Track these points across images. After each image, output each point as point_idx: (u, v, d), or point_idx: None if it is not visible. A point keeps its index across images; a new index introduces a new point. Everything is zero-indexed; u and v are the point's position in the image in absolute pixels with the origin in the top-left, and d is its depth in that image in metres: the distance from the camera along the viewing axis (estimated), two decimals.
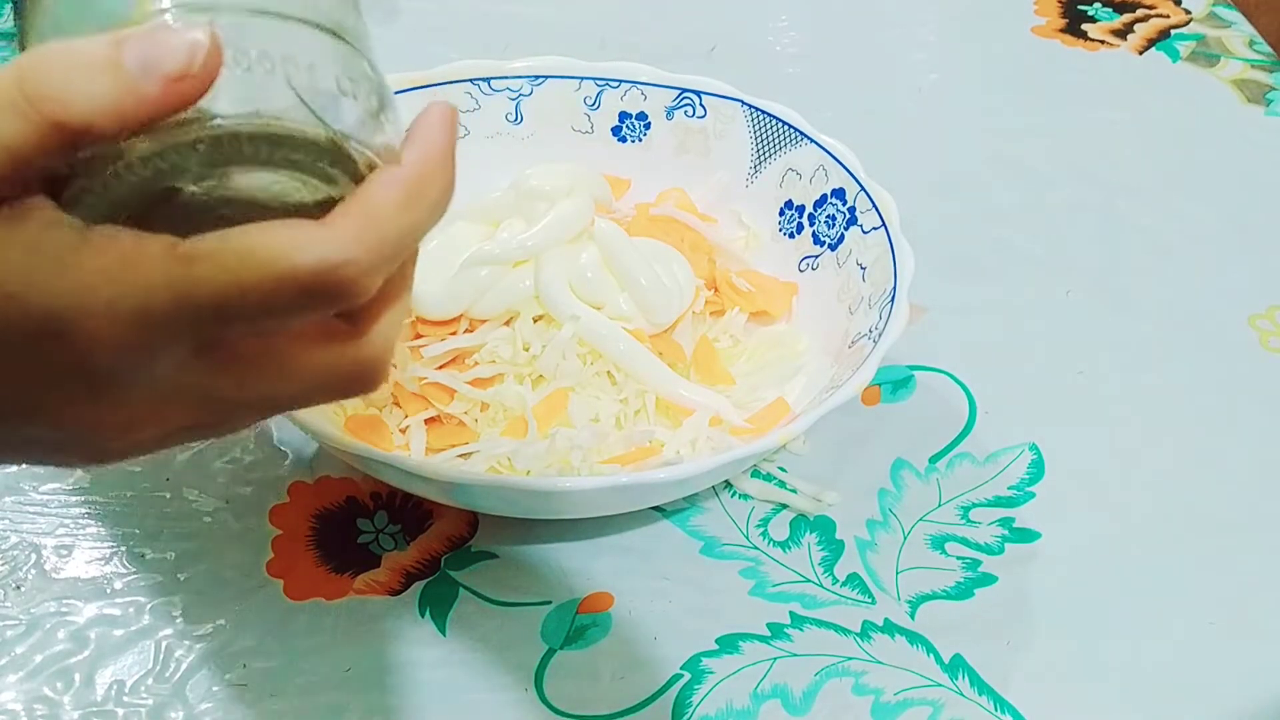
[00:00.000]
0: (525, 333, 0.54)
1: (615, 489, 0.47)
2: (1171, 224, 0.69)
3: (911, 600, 0.51)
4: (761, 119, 0.61)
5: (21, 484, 0.53)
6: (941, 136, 0.75)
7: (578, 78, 0.63)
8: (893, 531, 0.53)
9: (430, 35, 0.81)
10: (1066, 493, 0.55)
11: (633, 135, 0.63)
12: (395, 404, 0.54)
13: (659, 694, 0.47)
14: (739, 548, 0.52)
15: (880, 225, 0.55)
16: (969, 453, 0.56)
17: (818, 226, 0.58)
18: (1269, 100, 0.78)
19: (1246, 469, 0.56)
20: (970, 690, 0.48)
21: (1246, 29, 0.85)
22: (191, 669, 0.47)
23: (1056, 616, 0.50)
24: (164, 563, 0.51)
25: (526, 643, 0.49)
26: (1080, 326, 0.63)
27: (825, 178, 0.58)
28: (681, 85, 0.62)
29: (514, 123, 0.63)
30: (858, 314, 0.54)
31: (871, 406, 0.58)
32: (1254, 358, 0.62)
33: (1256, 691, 0.48)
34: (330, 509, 0.53)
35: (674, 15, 0.84)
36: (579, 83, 0.62)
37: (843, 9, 0.87)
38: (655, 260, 0.55)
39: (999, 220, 0.69)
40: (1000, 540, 0.53)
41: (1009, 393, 0.59)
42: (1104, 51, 0.83)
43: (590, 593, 0.50)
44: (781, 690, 0.47)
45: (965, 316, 0.63)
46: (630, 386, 0.53)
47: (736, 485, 0.54)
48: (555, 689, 0.47)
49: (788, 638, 0.49)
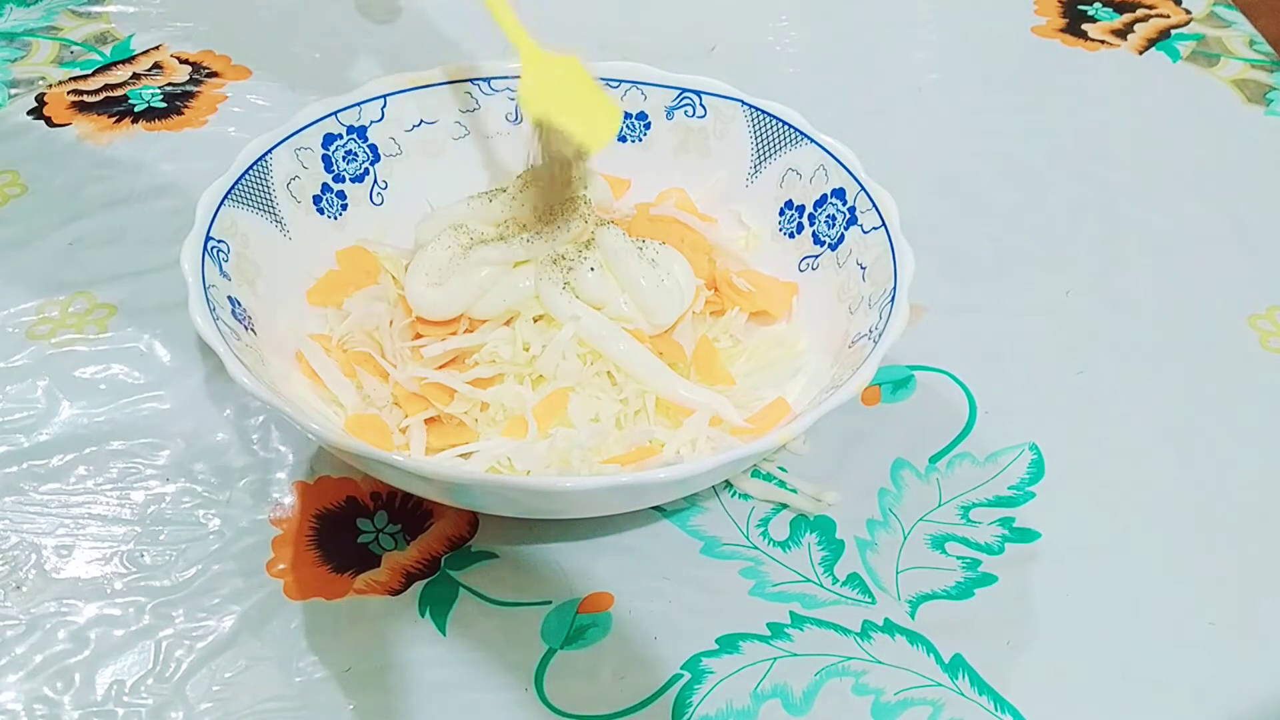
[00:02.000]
0: (525, 333, 0.54)
1: (615, 489, 0.47)
2: (1172, 224, 0.69)
3: (911, 600, 0.51)
4: (761, 119, 0.61)
5: (21, 484, 0.53)
6: (941, 136, 0.75)
7: None
8: (893, 531, 0.53)
9: (430, 35, 0.81)
10: (1066, 492, 0.55)
11: (633, 135, 0.63)
12: (395, 404, 0.54)
13: (659, 694, 0.47)
14: (739, 547, 0.52)
15: (880, 225, 0.55)
16: (969, 452, 0.56)
17: (818, 226, 0.58)
18: (1269, 100, 0.79)
19: (1246, 468, 0.56)
20: (970, 690, 0.48)
21: (1247, 29, 0.85)
22: (191, 669, 0.47)
23: (1056, 616, 0.50)
24: (164, 563, 0.51)
25: (526, 643, 0.49)
26: (1080, 326, 0.63)
27: (825, 177, 0.58)
28: (681, 85, 0.62)
29: (514, 123, 0.63)
30: (858, 314, 0.54)
31: (871, 406, 0.58)
32: (1254, 358, 0.62)
33: (1256, 691, 0.48)
34: (330, 509, 0.53)
35: (674, 15, 0.84)
36: None
37: (843, 9, 0.87)
38: (656, 261, 0.55)
39: (999, 220, 0.69)
40: (1000, 540, 0.53)
41: (1009, 393, 0.59)
42: (1104, 51, 0.83)
43: (590, 593, 0.50)
44: (781, 690, 0.47)
45: (965, 316, 0.63)
46: (630, 387, 0.53)
47: (737, 485, 0.54)
48: (555, 689, 0.47)
49: (788, 637, 0.49)
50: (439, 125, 0.62)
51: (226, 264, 0.53)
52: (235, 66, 0.77)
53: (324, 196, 0.59)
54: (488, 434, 0.53)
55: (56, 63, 0.77)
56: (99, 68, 0.76)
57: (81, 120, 0.72)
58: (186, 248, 0.51)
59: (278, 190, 0.57)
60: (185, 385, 0.58)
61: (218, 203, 0.54)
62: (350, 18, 0.83)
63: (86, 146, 0.71)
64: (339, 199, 0.60)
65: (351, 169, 0.60)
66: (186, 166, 0.69)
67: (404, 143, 0.62)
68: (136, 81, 0.75)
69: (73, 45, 0.78)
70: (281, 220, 0.57)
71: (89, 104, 0.73)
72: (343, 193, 0.60)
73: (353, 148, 0.60)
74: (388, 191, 0.61)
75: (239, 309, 0.52)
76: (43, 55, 0.77)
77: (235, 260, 0.53)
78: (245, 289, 0.53)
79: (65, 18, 0.81)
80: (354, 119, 0.60)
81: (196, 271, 0.51)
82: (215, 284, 0.51)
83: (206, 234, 0.52)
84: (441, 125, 0.62)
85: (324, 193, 0.59)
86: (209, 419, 0.56)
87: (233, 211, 0.54)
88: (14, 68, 0.76)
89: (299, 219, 0.58)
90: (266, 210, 0.56)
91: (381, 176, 0.61)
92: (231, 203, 0.54)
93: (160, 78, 0.76)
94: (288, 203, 0.58)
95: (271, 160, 0.57)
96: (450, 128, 0.63)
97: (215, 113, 0.73)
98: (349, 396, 0.54)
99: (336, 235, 0.59)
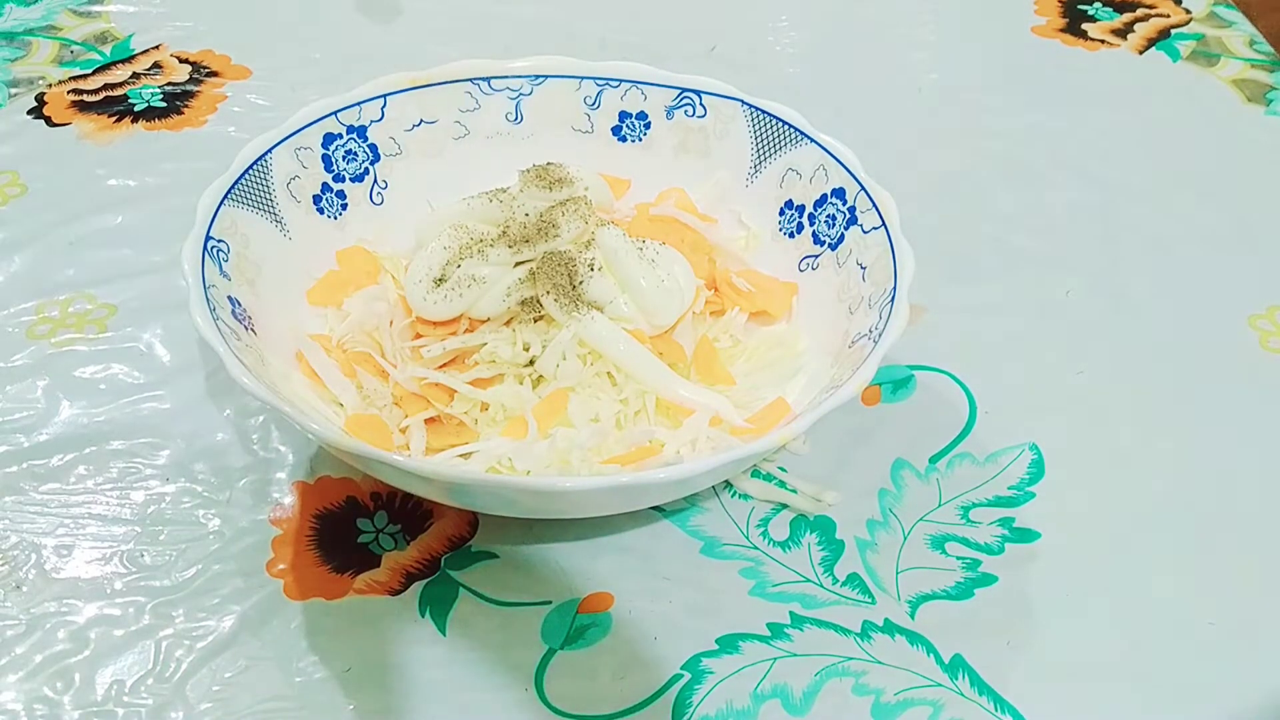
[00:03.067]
0: (525, 333, 0.54)
1: (615, 489, 0.47)
2: (1172, 224, 0.69)
3: (911, 600, 0.51)
4: (761, 119, 0.61)
5: (21, 484, 0.53)
6: (941, 136, 0.75)
7: (578, 77, 0.63)
8: (893, 531, 0.53)
9: (430, 35, 0.81)
10: (1066, 492, 0.55)
11: (633, 135, 0.63)
12: (395, 404, 0.54)
13: (659, 694, 0.47)
14: (739, 548, 0.52)
15: (880, 225, 0.55)
16: (969, 452, 0.56)
17: (818, 226, 0.58)
18: (1269, 100, 0.79)
19: (1247, 469, 0.56)
20: (970, 690, 0.48)
21: (1247, 28, 0.85)
22: (191, 669, 0.47)
23: (1056, 616, 0.50)
24: (164, 563, 0.51)
25: (526, 643, 0.49)
26: (1080, 326, 0.63)
27: (825, 177, 0.58)
28: (681, 85, 0.62)
29: (514, 122, 0.63)
30: (858, 314, 0.54)
31: (872, 406, 0.58)
32: (1254, 358, 0.62)
33: (1257, 692, 0.48)
34: (330, 509, 0.53)
35: (674, 15, 0.84)
36: (579, 82, 0.63)
37: (843, 9, 0.87)
38: (656, 262, 0.55)
39: (999, 220, 0.69)
40: (1000, 540, 0.53)
41: (1009, 392, 0.59)
42: (1104, 51, 0.83)
43: (590, 593, 0.50)
44: (781, 690, 0.47)
45: (965, 316, 0.63)
46: (630, 387, 0.53)
47: (736, 485, 0.54)
48: (555, 689, 0.47)
49: (788, 638, 0.49)
50: (439, 125, 0.62)
51: (226, 264, 0.53)
52: (235, 66, 0.77)
53: (324, 196, 0.59)
54: (488, 434, 0.53)
55: (56, 62, 0.77)
56: (99, 67, 0.76)
57: (81, 120, 0.72)
58: (187, 247, 0.51)
59: (278, 190, 0.57)
60: (185, 385, 0.58)
61: (218, 202, 0.54)
62: (350, 18, 0.83)
63: (86, 146, 0.71)
64: (339, 199, 0.60)
65: (351, 169, 0.60)
66: (186, 166, 0.69)
67: (404, 142, 0.62)
68: (136, 81, 0.75)
69: (73, 45, 0.78)
70: (281, 220, 0.57)
71: (89, 104, 0.73)
72: (343, 192, 0.60)
73: (353, 147, 0.60)
74: (388, 191, 0.61)
75: (239, 309, 0.52)
76: (43, 55, 0.77)
77: (235, 260, 0.53)
78: (245, 289, 0.53)
79: (65, 17, 0.81)
80: (354, 118, 0.60)
81: (196, 271, 0.51)
82: (215, 284, 0.51)
83: (206, 234, 0.52)
84: (442, 125, 0.62)
85: (324, 192, 0.59)
86: (209, 419, 0.56)
87: (233, 211, 0.54)
88: (14, 67, 0.76)
89: (299, 219, 0.58)
90: (266, 210, 0.56)
91: (381, 176, 0.61)
92: (231, 202, 0.54)
93: (160, 77, 0.76)
94: (288, 202, 0.58)
95: (271, 160, 0.57)
96: (450, 127, 0.63)
97: (215, 112, 0.74)
98: (349, 396, 0.54)
99: (336, 235, 0.59)
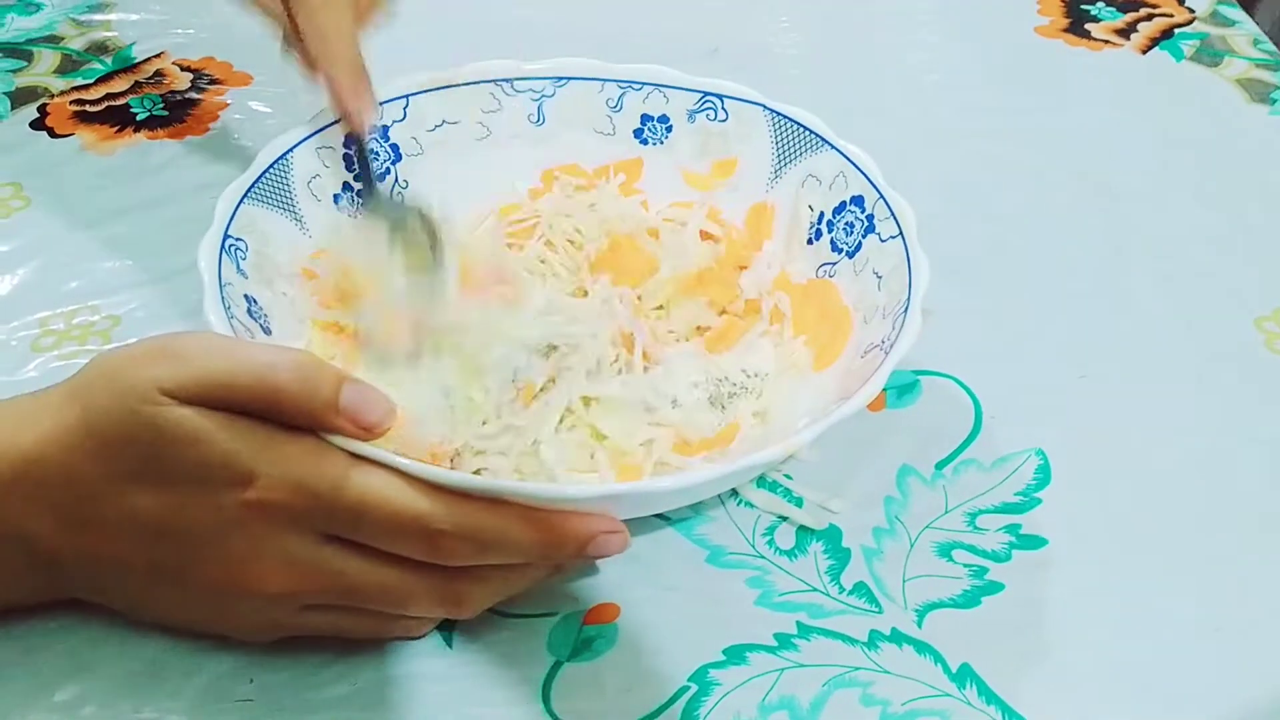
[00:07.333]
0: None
1: (617, 497, 0.46)
2: (1176, 225, 0.69)
3: (919, 609, 0.50)
4: (783, 124, 0.60)
5: None
6: (944, 137, 0.75)
7: (600, 80, 0.63)
8: (899, 539, 0.53)
9: (431, 36, 0.81)
10: (1074, 498, 0.55)
11: (654, 138, 0.63)
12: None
13: (666, 706, 0.47)
14: (745, 556, 0.52)
15: (898, 234, 0.54)
16: (975, 458, 0.56)
17: (836, 233, 0.58)
18: (1273, 99, 0.78)
19: (1254, 471, 0.56)
20: (978, 700, 0.48)
21: (1250, 28, 0.85)
22: (195, 683, 0.47)
23: (1065, 624, 0.50)
24: None
25: (533, 655, 0.48)
26: (1085, 329, 0.63)
27: (845, 184, 0.58)
28: (704, 89, 0.62)
29: (536, 124, 0.63)
30: (871, 323, 0.53)
31: (877, 412, 0.58)
32: (1260, 360, 0.61)
33: (1269, 701, 0.48)
34: None
35: (675, 17, 0.84)
36: (601, 85, 0.62)
37: (844, 10, 0.87)
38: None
39: (1002, 222, 0.69)
40: (1008, 547, 0.53)
41: (1015, 397, 0.59)
42: (1107, 51, 0.83)
43: (596, 603, 0.50)
44: (789, 701, 0.47)
45: (969, 320, 0.62)
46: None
47: (742, 493, 0.54)
48: (563, 702, 0.47)
49: (795, 648, 0.49)
50: (461, 125, 0.62)
51: (244, 262, 0.53)
52: (237, 73, 0.77)
53: (344, 195, 0.59)
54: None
55: (58, 72, 0.77)
56: (101, 77, 0.76)
57: (84, 130, 0.72)
58: (204, 245, 0.51)
59: (298, 188, 0.57)
60: None
61: (237, 200, 0.54)
62: None
63: (89, 156, 0.70)
64: (359, 198, 0.59)
65: (373, 168, 0.60)
66: (190, 174, 0.69)
67: (425, 142, 0.61)
68: (139, 90, 0.75)
69: (74, 54, 0.78)
70: (301, 218, 0.57)
71: (91, 114, 0.73)
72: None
73: (374, 147, 0.60)
74: (408, 191, 0.61)
75: (255, 307, 0.52)
76: (45, 65, 0.77)
77: (254, 258, 0.53)
78: (263, 287, 0.53)
79: (67, 26, 0.80)
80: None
81: (213, 269, 0.50)
82: (232, 281, 0.51)
83: (225, 231, 0.52)
84: (463, 125, 0.62)
85: (344, 191, 0.59)
86: None
87: (252, 209, 0.54)
88: (16, 78, 0.76)
89: (319, 217, 0.58)
90: (286, 208, 0.56)
91: (402, 176, 0.61)
92: (251, 201, 0.54)
93: (162, 85, 0.76)
94: (308, 201, 0.57)
95: (292, 159, 0.57)
96: (472, 128, 0.62)
97: (218, 120, 0.73)
98: None
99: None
